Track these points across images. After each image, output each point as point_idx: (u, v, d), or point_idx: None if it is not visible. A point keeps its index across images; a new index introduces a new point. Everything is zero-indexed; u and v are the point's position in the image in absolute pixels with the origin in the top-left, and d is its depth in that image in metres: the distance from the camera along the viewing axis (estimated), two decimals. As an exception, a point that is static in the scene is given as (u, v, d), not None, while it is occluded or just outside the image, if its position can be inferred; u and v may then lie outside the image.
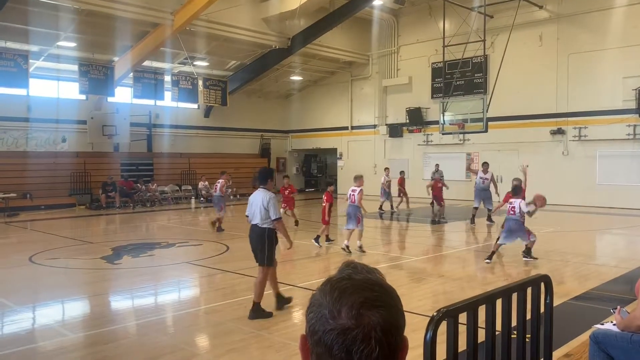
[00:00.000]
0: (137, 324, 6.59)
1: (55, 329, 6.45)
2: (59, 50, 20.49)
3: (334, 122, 29.38)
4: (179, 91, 22.87)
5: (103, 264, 10.16)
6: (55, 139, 22.41)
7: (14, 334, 6.31)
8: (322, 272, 9.51)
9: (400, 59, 26.63)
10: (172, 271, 9.80)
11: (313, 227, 15.92)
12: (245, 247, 12.18)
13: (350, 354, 0.95)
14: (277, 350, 5.40)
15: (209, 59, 24.17)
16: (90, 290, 8.53)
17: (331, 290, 1.00)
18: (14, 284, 8.81)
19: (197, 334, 6.34)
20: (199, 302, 7.85)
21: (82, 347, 5.78)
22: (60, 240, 13.03)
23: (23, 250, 11.62)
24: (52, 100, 22.14)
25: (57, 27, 18.67)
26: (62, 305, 7.70)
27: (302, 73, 28.15)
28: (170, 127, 25.77)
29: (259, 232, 6.60)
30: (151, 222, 17.90)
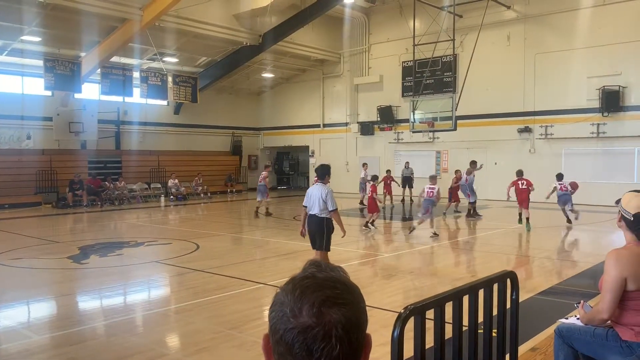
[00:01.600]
0: (106, 325, 6.48)
1: (19, 331, 6.29)
2: (23, 45, 19.94)
3: (306, 119, 29.37)
4: (148, 87, 22.47)
5: (70, 264, 9.95)
6: (19, 136, 21.81)
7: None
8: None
9: (371, 57, 26.77)
10: (141, 270, 9.66)
11: (283, 222, 15.93)
12: (215, 246, 12.16)
13: (310, 353, 0.94)
14: (247, 349, 5.38)
15: (179, 55, 23.88)
16: (57, 290, 8.34)
17: (293, 289, 1.00)
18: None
19: (166, 333, 6.27)
20: (168, 302, 7.75)
21: (48, 349, 5.66)
22: (24, 240, 12.70)
23: (-14, 250, 11.29)
24: (17, 96, 21.55)
25: (21, 21, 18.15)
26: (26, 306, 7.52)
27: (274, 70, 28.05)
28: (139, 124, 25.35)
29: (317, 221, 7.56)
30: (119, 221, 17.60)
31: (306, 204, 7.70)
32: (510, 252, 10.66)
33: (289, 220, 16.78)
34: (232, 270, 9.10)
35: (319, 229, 7.59)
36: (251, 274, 8.91)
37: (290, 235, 13.44)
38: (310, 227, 7.69)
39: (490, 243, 12.25)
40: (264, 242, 12.52)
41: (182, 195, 24.10)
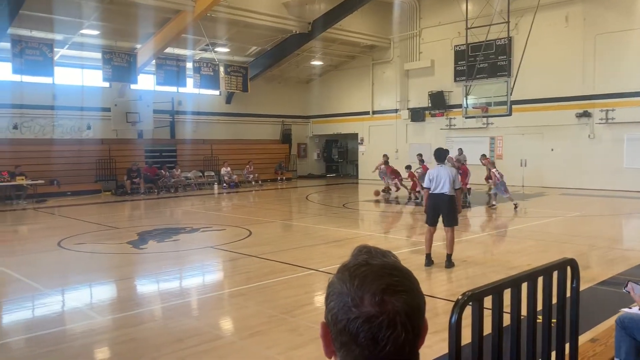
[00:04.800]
0: (163, 307, 6.72)
1: (84, 311, 6.62)
2: (83, 39, 20.71)
3: (355, 107, 29.25)
4: (200, 78, 22.99)
5: (129, 249, 10.36)
6: (80, 126, 22.76)
7: (45, 317, 6.49)
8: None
9: (422, 42, 26.30)
10: (197, 255, 9.95)
11: (332, 210, 15.97)
12: (267, 233, 12.34)
13: (376, 341, 0.95)
14: (300, 334, 5.46)
15: (230, 45, 24.20)
16: (117, 274, 8.71)
17: (351, 278, 1.00)
18: (44, 268, 9.04)
19: (221, 317, 6.44)
20: (223, 286, 7.96)
21: (110, 330, 5.92)
22: (87, 226, 13.29)
23: (52, 235, 11.90)
24: (77, 88, 22.45)
25: (81, 15, 18.87)
26: (90, 288, 7.89)
27: (323, 58, 28.01)
28: (192, 113, 25.95)
29: (447, 199, 8.15)
30: (175, 208, 18.12)
31: (430, 185, 8.20)
32: (567, 241, 10.32)
33: (337, 208, 16.82)
34: (283, 256, 9.22)
35: (450, 206, 8.18)
36: (302, 260, 9.01)
37: (340, 223, 13.49)
38: (437, 204, 8.21)
39: (546, 231, 11.89)
40: (314, 229, 12.62)
41: (234, 183, 24.57)
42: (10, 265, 8.86)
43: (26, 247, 11.49)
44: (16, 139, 20.82)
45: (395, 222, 14.97)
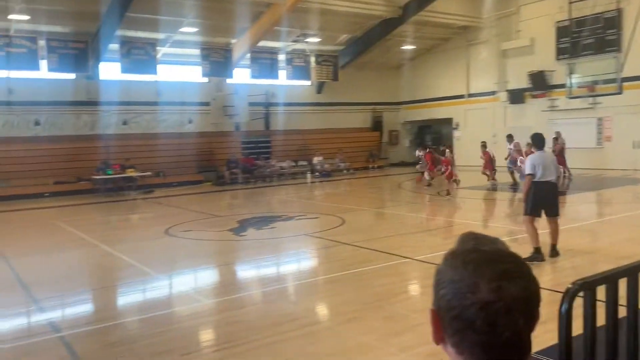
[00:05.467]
0: (262, 292, 6.97)
1: (191, 295, 7.03)
2: (183, 36, 21.79)
3: (448, 90, 28.40)
4: (292, 69, 23.44)
5: (230, 236, 10.84)
6: (182, 120, 24.05)
7: (155, 299, 6.98)
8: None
9: (520, 20, 24.93)
10: (293, 243, 10.20)
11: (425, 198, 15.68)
12: (360, 221, 12.38)
13: (494, 328, 0.94)
14: (396, 321, 5.44)
15: (321, 35, 24.36)
16: (220, 260, 9.16)
17: (464, 264, 0.99)
18: (154, 254, 9.70)
19: (317, 302, 6.57)
20: (318, 273, 8.10)
21: (214, 312, 6.25)
22: (191, 214, 14.07)
23: (159, 223, 12.72)
24: (178, 84, 23.69)
25: (181, 14, 19.85)
26: (195, 273, 8.36)
27: (414, 42, 27.41)
28: (285, 104, 26.50)
29: (553, 188, 7.64)
30: (271, 197, 18.67)
31: (535, 171, 7.49)
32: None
33: (431, 196, 16.49)
34: (377, 244, 9.21)
35: (556, 194, 7.74)
36: (396, 248, 8.94)
37: (434, 211, 13.23)
38: (542, 193, 7.56)
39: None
40: (407, 218, 12.47)
41: (326, 171, 24.86)
42: (125, 251, 9.59)
43: (137, 234, 12.38)
44: (126, 134, 22.41)
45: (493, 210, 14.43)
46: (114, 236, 11.88)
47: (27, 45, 18.48)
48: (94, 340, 5.32)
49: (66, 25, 19.60)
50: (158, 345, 5.04)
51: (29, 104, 20.37)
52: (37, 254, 9.90)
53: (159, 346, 5.02)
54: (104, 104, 21.68)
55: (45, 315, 6.19)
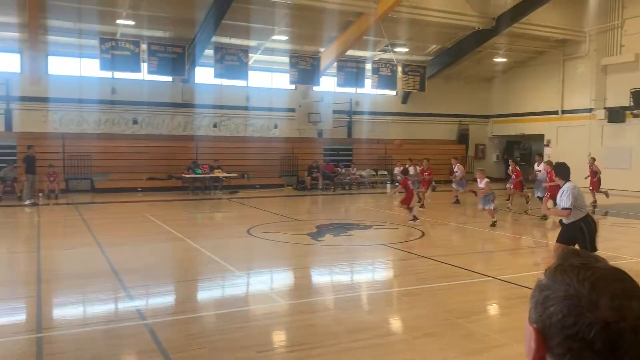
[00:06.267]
0: (337, 298, 6.98)
1: (268, 294, 7.18)
2: (273, 44, 22.44)
3: (540, 105, 27.18)
4: (378, 78, 23.42)
5: (308, 240, 10.97)
6: (268, 125, 24.72)
7: (234, 296, 7.19)
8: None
9: (624, 34, 23.44)
10: (370, 252, 10.15)
11: (512, 216, 15.08)
12: (440, 235, 12.10)
13: (615, 349, 0.88)
14: (476, 340, 5.25)
15: (409, 45, 24.18)
16: (297, 262, 9.29)
17: (579, 281, 0.94)
18: (235, 252, 10.01)
19: (393, 314, 6.48)
20: (394, 284, 8.00)
21: (290, 314, 6.33)
22: (271, 216, 14.38)
23: (242, 223, 13.11)
24: (266, 91, 24.41)
25: (273, 23, 20.47)
26: (273, 274, 8.53)
27: (507, 54, 26.52)
28: (368, 113, 26.51)
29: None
30: (350, 204, 18.72)
31: (576, 203, 6.85)
32: None
33: (518, 214, 15.82)
34: (457, 260, 8.95)
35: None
36: (478, 265, 8.65)
37: (520, 230, 12.68)
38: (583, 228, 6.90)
39: None
40: (491, 235, 12.03)
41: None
42: (208, 247, 9.96)
43: (221, 232, 12.83)
44: (215, 136, 23.36)
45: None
46: (199, 232, 12.39)
47: (130, 48, 19.77)
48: (176, 330, 5.56)
49: (167, 31, 20.81)
50: (235, 341, 5.18)
51: (129, 104, 21.78)
52: (128, 244, 10.53)
53: (237, 341, 5.16)
54: (197, 106, 22.78)
55: (133, 302, 6.55)
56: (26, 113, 20.42)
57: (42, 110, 20.56)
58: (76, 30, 19.54)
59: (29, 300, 6.65)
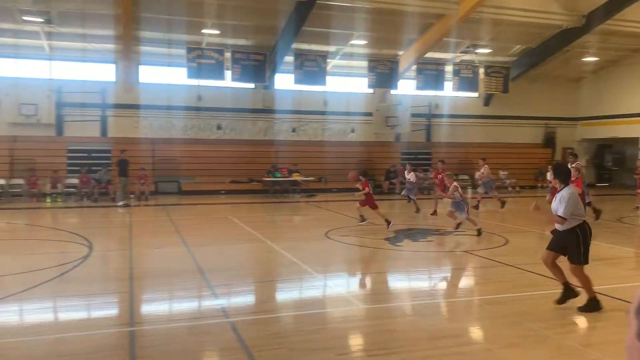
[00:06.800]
0: (415, 304, 6.88)
1: (346, 297, 7.20)
2: (352, 49, 22.54)
3: (635, 107, 25.41)
4: (459, 80, 22.90)
5: (386, 245, 10.90)
6: (345, 129, 24.85)
7: (313, 298, 7.28)
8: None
9: None
10: (450, 258, 9.93)
11: (604, 225, 14.18)
12: (525, 242, 11.60)
13: None
14: (565, 354, 5.00)
15: (492, 46, 23.45)
16: (374, 267, 9.26)
17: None
18: (314, 254, 10.13)
19: (475, 322, 6.30)
20: (476, 292, 7.77)
21: (367, 318, 6.32)
22: (349, 220, 14.42)
23: (319, 226, 13.26)
24: (344, 95, 24.54)
25: (352, 28, 20.58)
26: (350, 277, 8.55)
27: (598, 53, 25.04)
28: (448, 116, 25.96)
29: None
30: (429, 209, 18.36)
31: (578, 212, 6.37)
32: None
33: (610, 222, 14.86)
34: (544, 269, 8.53)
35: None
36: (566, 275, 8.20)
37: (613, 239, 11.91)
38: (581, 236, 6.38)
39: None
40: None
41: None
42: (287, 249, 10.15)
43: (299, 234, 13.04)
44: (294, 141, 23.80)
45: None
46: (278, 234, 12.67)
47: (215, 57, 20.60)
48: (258, 329, 5.71)
49: (249, 39, 21.49)
50: (314, 342, 5.25)
51: (214, 110, 22.70)
52: (212, 245, 10.95)
53: (316, 343, 5.23)
54: (277, 112, 23.33)
55: (218, 300, 6.80)
56: (119, 119, 21.80)
57: (134, 117, 21.87)
58: (165, 41, 20.65)
59: (121, 295, 7.08)
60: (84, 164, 20.34)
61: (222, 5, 18.58)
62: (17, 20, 18.37)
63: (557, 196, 6.32)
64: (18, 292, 6.94)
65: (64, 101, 20.91)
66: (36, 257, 9.55)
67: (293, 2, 18.51)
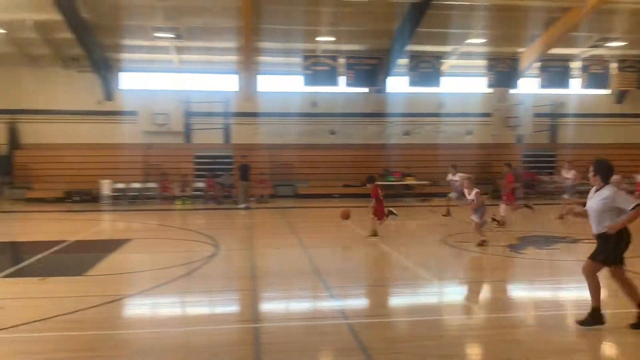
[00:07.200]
0: (540, 315, 6.51)
1: (464, 305, 6.98)
2: (469, 48, 21.83)
3: None
4: (588, 77, 21.33)
5: (507, 252, 10.40)
6: (461, 131, 24.11)
7: (430, 304, 7.16)
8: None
9: None
10: (577, 267, 9.21)
11: None
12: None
13: None
14: None
15: (626, 38, 21.47)
16: (495, 275, 8.86)
17: None
18: (430, 260, 9.93)
19: (609, 338, 5.77)
20: (610, 305, 7.12)
21: (488, 327, 6.08)
22: (467, 225, 13.93)
23: (435, 231, 12.99)
24: (460, 96, 23.83)
25: (469, 26, 19.94)
26: (468, 284, 8.25)
27: None
28: (575, 115, 24.18)
29: None
30: (554, 215, 17.23)
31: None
32: None
33: None
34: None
35: None
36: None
37: None
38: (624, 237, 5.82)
39: None
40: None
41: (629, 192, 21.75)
42: (403, 254, 10.09)
43: (415, 239, 12.86)
44: (407, 144, 23.55)
45: None
46: (392, 238, 12.56)
47: (329, 63, 21.02)
48: (376, 332, 5.72)
49: (363, 44, 21.66)
50: (432, 349, 5.14)
51: (327, 115, 23.17)
52: (328, 247, 11.17)
53: (434, 349, 5.12)
54: (389, 115, 23.25)
55: (335, 302, 6.92)
56: (240, 127, 23.01)
57: (254, 124, 22.96)
58: (283, 50, 21.47)
59: (244, 293, 7.46)
60: (209, 169, 21.75)
61: (337, 13, 18.92)
62: (151, 37, 20.08)
63: (595, 196, 5.83)
64: (152, 287, 7.56)
65: (191, 110, 22.50)
66: (167, 255, 10.36)
67: (407, 4, 18.36)
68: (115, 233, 14.57)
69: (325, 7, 18.61)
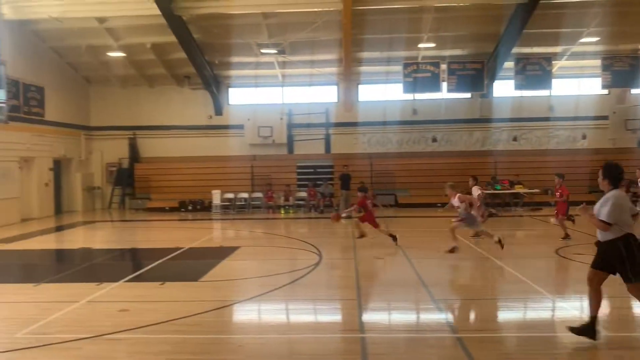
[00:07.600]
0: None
1: (581, 321, 6.46)
2: (582, 47, 20.50)
3: None
4: None
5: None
6: (574, 136, 22.63)
7: (544, 319, 6.76)
8: None
9: None
10: None
11: None
12: None
13: None
14: None
15: None
16: (616, 290, 8.10)
17: None
18: (544, 273, 9.40)
19: None
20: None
21: (610, 347, 5.64)
22: (583, 237, 13.00)
23: (548, 243, 12.25)
24: (572, 98, 22.40)
25: (582, 24, 18.75)
26: (586, 299, 7.65)
27: None
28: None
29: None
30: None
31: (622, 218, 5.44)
32: None
33: None
34: None
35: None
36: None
37: None
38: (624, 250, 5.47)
39: None
40: None
41: None
42: (514, 266, 9.58)
43: (526, 251, 12.19)
44: (515, 150, 22.51)
45: None
46: (502, 250, 12.02)
47: (431, 69, 20.65)
48: (486, 346, 5.49)
49: (465, 48, 21.08)
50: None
51: (428, 123, 22.79)
52: (432, 257, 10.90)
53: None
54: (495, 120, 22.38)
55: (442, 314, 6.74)
56: (340, 137, 23.27)
57: (353, 134, 23.12)
58: (383, 59, 21.46)
59: (348, 302, 7.47)
60: (311, 178, 22.20)
61: (439, 18, 18.60)
62: (256, 54, 20.96)
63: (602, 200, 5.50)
64: (259, 294, 7.81)
65: (293, 122, 23.13)
66: (273, 262, 10.68)
67: (513, 5, 17.62)
68: (225, 241, 15.31)
69: (425, 14, 18.38)
